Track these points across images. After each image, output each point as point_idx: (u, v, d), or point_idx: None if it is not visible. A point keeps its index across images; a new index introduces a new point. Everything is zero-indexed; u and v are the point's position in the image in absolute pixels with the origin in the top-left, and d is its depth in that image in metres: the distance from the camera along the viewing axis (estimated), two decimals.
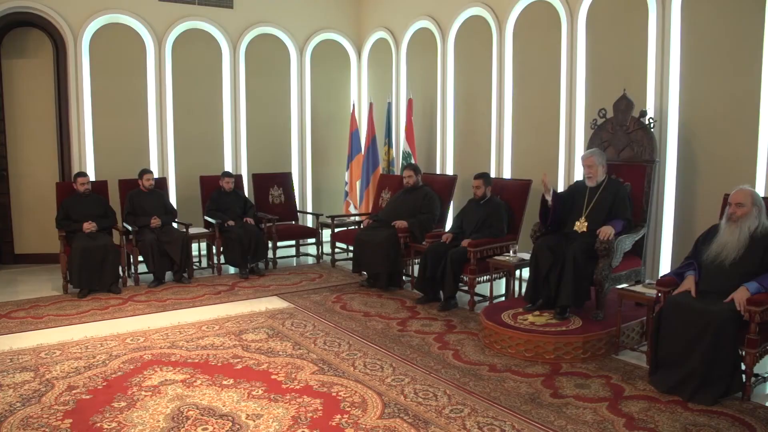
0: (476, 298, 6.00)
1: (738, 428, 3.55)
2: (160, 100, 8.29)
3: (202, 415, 3.68)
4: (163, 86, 8.29)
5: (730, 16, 5.24)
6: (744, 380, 3.92)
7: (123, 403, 3.85)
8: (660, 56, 5.70)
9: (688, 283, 4.22)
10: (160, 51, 8.22)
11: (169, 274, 7.02)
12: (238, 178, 8.14)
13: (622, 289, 4.89)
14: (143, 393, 4.00)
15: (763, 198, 4.31)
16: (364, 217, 7.76)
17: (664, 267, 5.76)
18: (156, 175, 7.78)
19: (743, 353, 3.90)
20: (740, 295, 3.90)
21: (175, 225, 7.29)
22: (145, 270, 6.89)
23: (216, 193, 7.68)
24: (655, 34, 5.74)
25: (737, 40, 5.19)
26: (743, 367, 3.92)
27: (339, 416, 3.67)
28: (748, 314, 3.84)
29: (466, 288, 6.06)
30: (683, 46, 5.58)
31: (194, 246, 7.46)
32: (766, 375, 4.10)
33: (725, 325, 3.84)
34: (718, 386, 3.87)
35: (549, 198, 5.28)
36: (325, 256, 8.23)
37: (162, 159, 8.36)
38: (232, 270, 7.61)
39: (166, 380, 4.22)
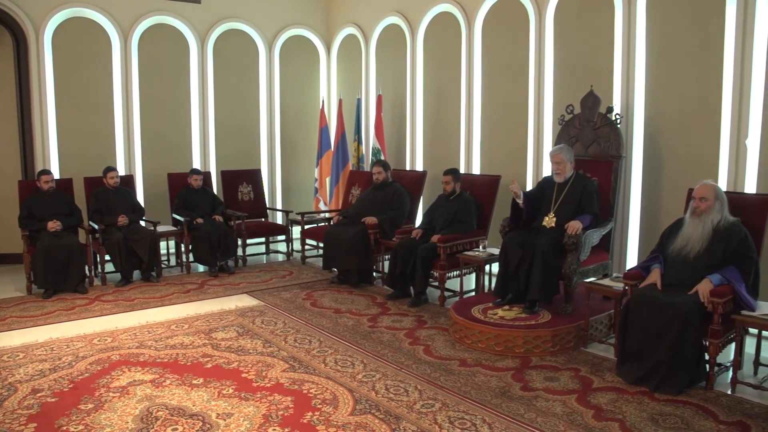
0: (446, 294, 6.03)
1: (702, 416, 3.63)
2: (126, 96, 8.16)
3: (172, 416, 3.64)
4: (130, 82, 8.16)
5: (693, 15, 5.34)
6: (707, 370, 4.02)
7: (90, 405, 3.79)
8: (626, 53, 5.78)
9: (654, 276, 4.30)
10: (126, 46, 8.08)
11: (136, 273, 6.92)
12: (207, 176, 8.05)
13: (590, 282, 4.95)
14: (111, 394, 3.94)
15: (725, 192, 4.41)
16: (334, 214, 7.74)
17: (631, 260, 5.85)
18: (123, 173, 7.68)
19: (707, 344, 3.98)
20: (704, 288, 3.99)
21: (142, 223, 7.19)
22: (113, 269, 6.80)
23: (184, 190, 7.60)
24: (621, 31, 5.82)
25: (700, 39, 5.29)
26: (707, 357, 4.01)
27: (310, 413, 3.66)
28: (712, 306, 3.93)
29: (436, 283, 6.08)
30: (648, 44, 5.67)
31: (162, 244, 7.37)
32: (728, 364, 4.19)
33: (690, 317, 3.92)
34: (684, 376, 3.96)
35: (520, 202, 5.33)
36: (295, 253, 8.20)
37: (129, 156, 8.23)
38: (201, 268, 7.54)
39: (135, 381, 4.16)
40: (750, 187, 4.99)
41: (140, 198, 8.03)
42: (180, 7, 8.43)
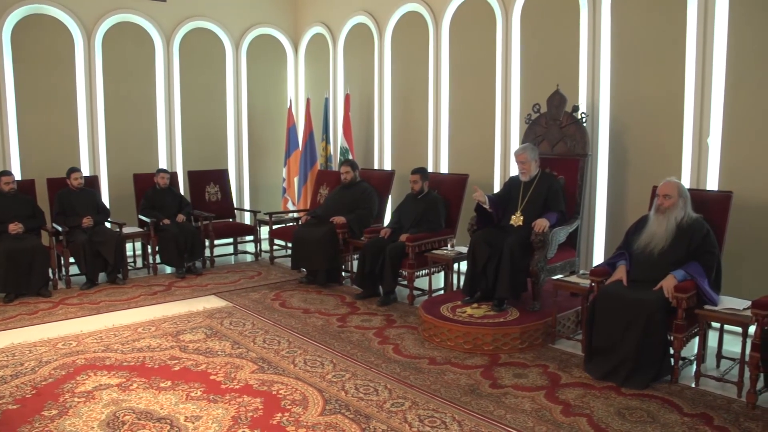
0: (415, 292, 6.04)
1: (667, 409, 3.70)
2: (90, 95, 8.01)
3: (139, 420, 3.59)
4: (93, 81, 8.01)
5: (656, 16, 5.43)
6: (672, 364, 4.09)
7: (54, 411, 3.71)
8: (591, 53, 5.85)
9: (620, 273, 4.36)
10: (90, 45, 7.93)
11: (102, 276, 6.81)
12: (174, 176, 7.96)
13: (558, 280, 5.01)
14: (76, 399, 3.87)
15: (688, 190, 4.49)
16: (302, 214, 7.71)
17: (598, 257, 5.93)
18: (87, 173, 7.54)
19: (671, 338, 4.05)
20: (668, 283, 4.07)
21: (108, 224, 7.08)
22: (77, 272, 6.67)
23: (150, 191, 7.50)
24: (586, 31, 5.90)
25: (663, 39, 5.39)
26: (672, 351, 4.08)
27: (280, 414, 3.64)
28: (676, 301, 4.00)
29: (405, 282, 6.09)
30: (613, 44, 5.75)
31: (129, 246, 7.28)
32: (692, 358, 4.27)
33: (655, 312, 3.99)
34: (649, 371, 4.03)
35: (487, 207, 5.37)
36: (263, 254, 8.15)
37: (93, 156, 8.08)
38: (168, 270, 7.45)
39: (101, 385, 4.09)
40: (712, 184, 5.09)
41: (105, 199, 7.89)
42: (145, 6, 8.31)
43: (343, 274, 6.89)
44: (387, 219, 7.18)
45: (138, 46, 8.40)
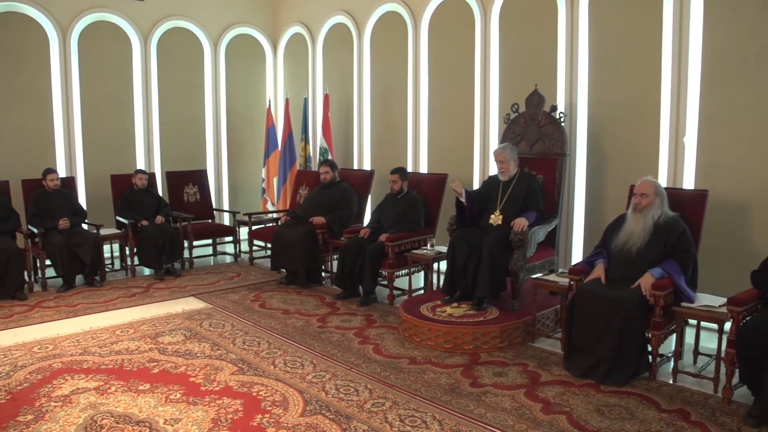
0: (395, 292, 6.05)
1: (645, 406, 3.74)
2: (66, 95, 7.90)
3: (118, 423, 3.55)
4: (69, 81, 7.90)
5: (633, 16, 5.48)
6: (650, 361, 4.14)
7: (30, 416, 3.65)
8: (569, 53, 5.89)
9: (598, 271, 4.40)
10: (65, 44, 7.82)
11: (79, 278, 6.73)
12: (152, 177, 7.89)
13: (537, 278, 5.03)
14: (53, 404, 3.82)
15: (665, 188, 4.54)
16: (281, 214, 7.68)
17: (576, 256, 5.97)
18: (63, 174, 7.45)
19: (649, 335, 4.10)
20: (646, 281, 4.11)
21: (85, 226, 6.99)
22: (54, 274, 6.57)
23: (128, 191, 7.42)
24: (564, 32, 5.93)
25: (640, 40, 5.44)
26: (650, 348, 4.13)
27: (260, 416, 3.62)
28: (653, 298, 4.05)
29: (385, 282, 6.10)
30: (591, 44, 5.79)
31: (106, 247, 7.19)
32: (669, 355, 4.31)
33: (633, 310, 4.03)
34: (628, 368, 4.07)
35: (463, 200, 5.39)
36: (242, 255, 8.10)
37: (69, 157, 7.97)
38: (146, 271, 7.37)
39: (78, 389, 4.04)
40: (688, 183, 5.15)
41: (82, 200, 7.80)
42: (122, 5, 8.22)
43: (323, 274, 6.88)
44: (366, 219, 7.17)
45: (115, 46, 8.30)
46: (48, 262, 6.51)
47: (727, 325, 3.82)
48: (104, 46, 8.20)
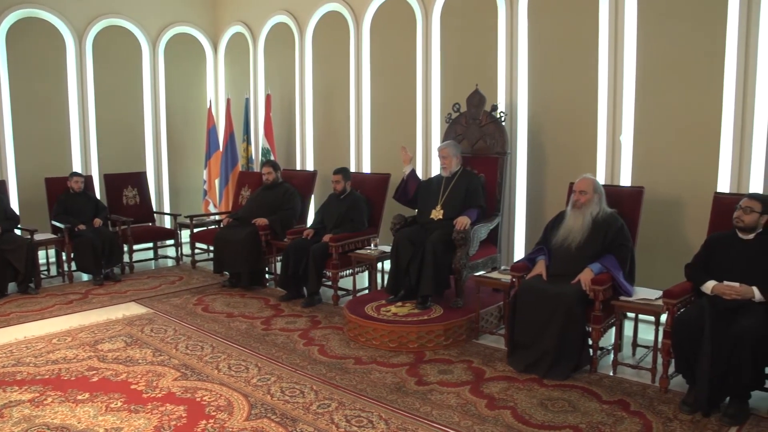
0: (340, 293, 6.01)
1: (587, 398, 3.82)
2: None
3: None
4: None
5: (570, 19, 5.59)
6: (591, 354, 4.22)
7: None
8: (509, 54, 5.97)
9: (539, 268, 4.47)
10: None
11: (12, 286, 6.44)
12: (89, 180, 7.64)
13: (480, 276, 5.08)
14: None
15: (603, 185, 4.64)
16: (223, 216, 7.55)
17: (518, 253, 6.05)
18: None
19: (590, 329, 4.18)
20: (585, 276, 4.20)
21: (17, 232, 6.70)
22: None
23: (64, 195, 7.15)
24: (504, 32, 6.01)
25: (577, 42, 5.55)
26: (590, 342, 4.21)
27: (204, 422, 3.54)
28: (593, 293, 4.13)
29: (329, 283, 6.06)
30: (530, 45, 5.88)
31: (41, 253, 6.92)
32: (609, 348, 4.41)
33: (573, 305, 4.11)
34: (570, 362, 4.15)
35: (407, 169, 5.50)
36: (184, 258, 7.92)
37: (0, 160, 7.65)
38: (85, 277, 7.12)
39: (11, 402, 3.86)
40: (625, 180, 5.28)
41: (14, 205, 7.49)
42: (54, 1, 7.94)
43: (267, 276, 6.79)
44: (310, 220, 7.11)
45: (47, 43, 7.99)
46: None
47: (664, 317, 3.93)
48: (35, 43, 7.88)
